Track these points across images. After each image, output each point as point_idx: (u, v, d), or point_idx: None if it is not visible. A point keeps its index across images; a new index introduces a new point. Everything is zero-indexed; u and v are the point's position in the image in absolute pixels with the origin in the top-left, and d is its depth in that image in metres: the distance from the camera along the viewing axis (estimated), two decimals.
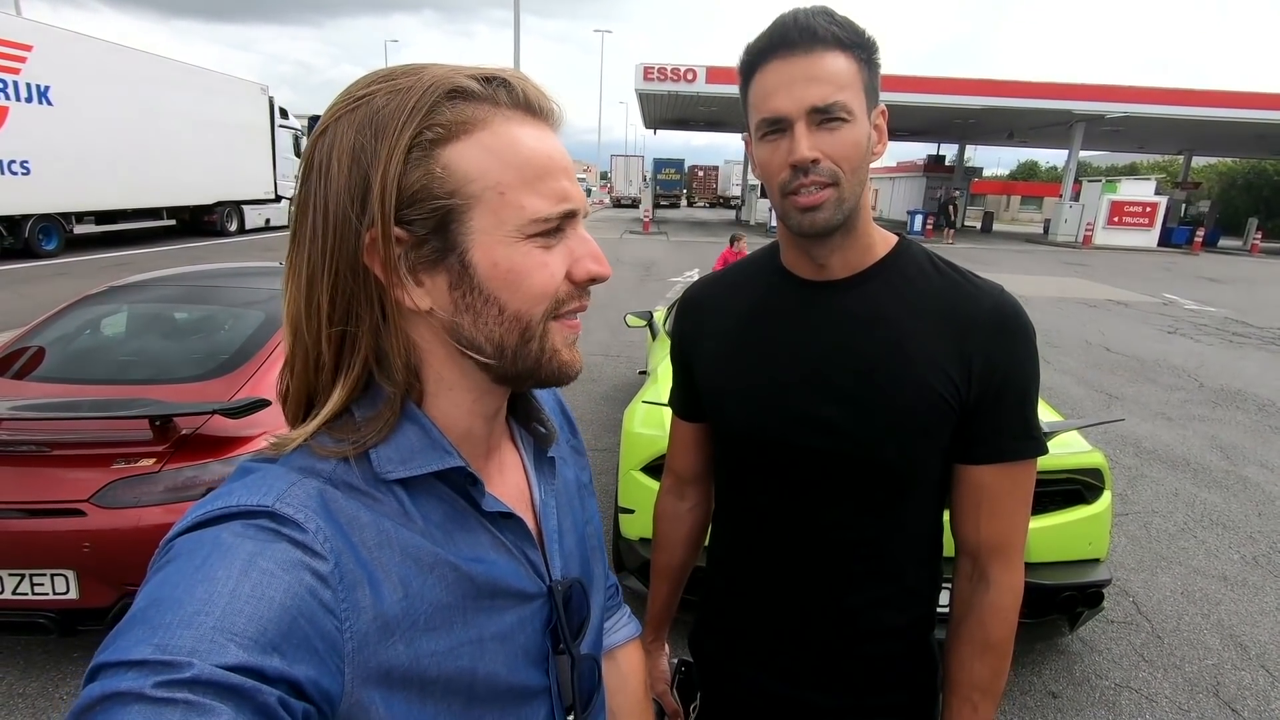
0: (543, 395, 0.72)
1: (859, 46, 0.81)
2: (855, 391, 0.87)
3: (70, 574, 2.13)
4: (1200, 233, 25.21)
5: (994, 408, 0.86)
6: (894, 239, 0.94)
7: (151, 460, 2.17)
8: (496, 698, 0.55)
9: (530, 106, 0.53)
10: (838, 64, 0.80)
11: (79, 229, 13.09)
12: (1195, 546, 3.61)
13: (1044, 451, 0.89)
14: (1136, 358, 7.82)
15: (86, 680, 0.38)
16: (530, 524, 0.63)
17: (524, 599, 0.59)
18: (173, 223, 15.26)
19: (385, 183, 0.49)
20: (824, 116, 0.79)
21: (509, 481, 0.64)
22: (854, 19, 0.82)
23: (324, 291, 0.51)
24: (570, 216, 0.54)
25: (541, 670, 0.60)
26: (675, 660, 1.19)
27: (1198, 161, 38.60)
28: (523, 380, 0.58)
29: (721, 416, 1.00)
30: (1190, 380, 6.93)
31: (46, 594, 2.14)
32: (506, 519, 0.58)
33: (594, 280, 0.56)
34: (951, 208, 27.33)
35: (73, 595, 2.14)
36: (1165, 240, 25.73)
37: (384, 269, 0.50)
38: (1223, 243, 28.14)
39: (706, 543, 1.17)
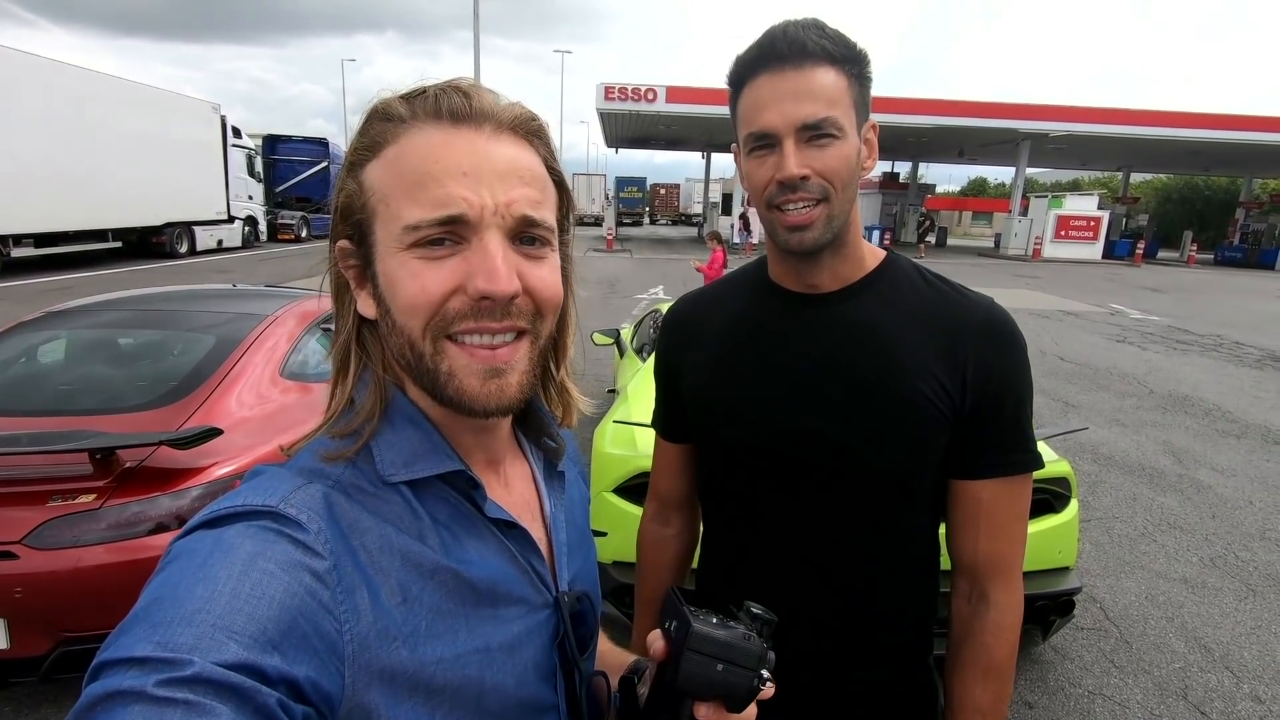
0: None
1: (850, 61, 0.80)
2: (848, 403, 0.85)
3: (0, 622, 1.98)
4: (1141, 245, 26.35)
5: (991, 419, 0.85)
6: (882, 253, 0.92)
7: (92, 496, 2.03)
8: (506, 712, 0.55)
9: (441, 113, 0.51)
10: (828, 79, 0.78)
11: (17, 252, 12.50)
12: (1156, 550, 3.70)
13: (1040, 465, 0.88)
14: (1089, 366, 8.07)
15: (88, 680, 0.38)
16: (540, 535, 0.63)
17: (529, 608, 0.58)
18: (119, 245, 14.72)
19: (336, 200, 0.55)
20: (813, 133, 0.78)
21: (516, 492, 0.64)
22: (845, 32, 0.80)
23: (332, 296, 0.59)
24: (455, 223, 0.50)
25: (550, 686, 0.59)
26: None
27: (1136, 178, 40.46)
28: (439, 400, 0.55)
29: (710, 434, 0.96)
30: (1140, 386, 7.17)
31: None
32: (511, 528, 0.58)
33: (484, 297, 0.51)
34: (928, 224, 28.72)
35: (2, 645, 1.98)
36: (1109, 253, 26.82)
37: (351, 278, 0.56)
38: (1161, 254, 29.47)
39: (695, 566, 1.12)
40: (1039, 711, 2.46)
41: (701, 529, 1.09)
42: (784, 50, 0.78)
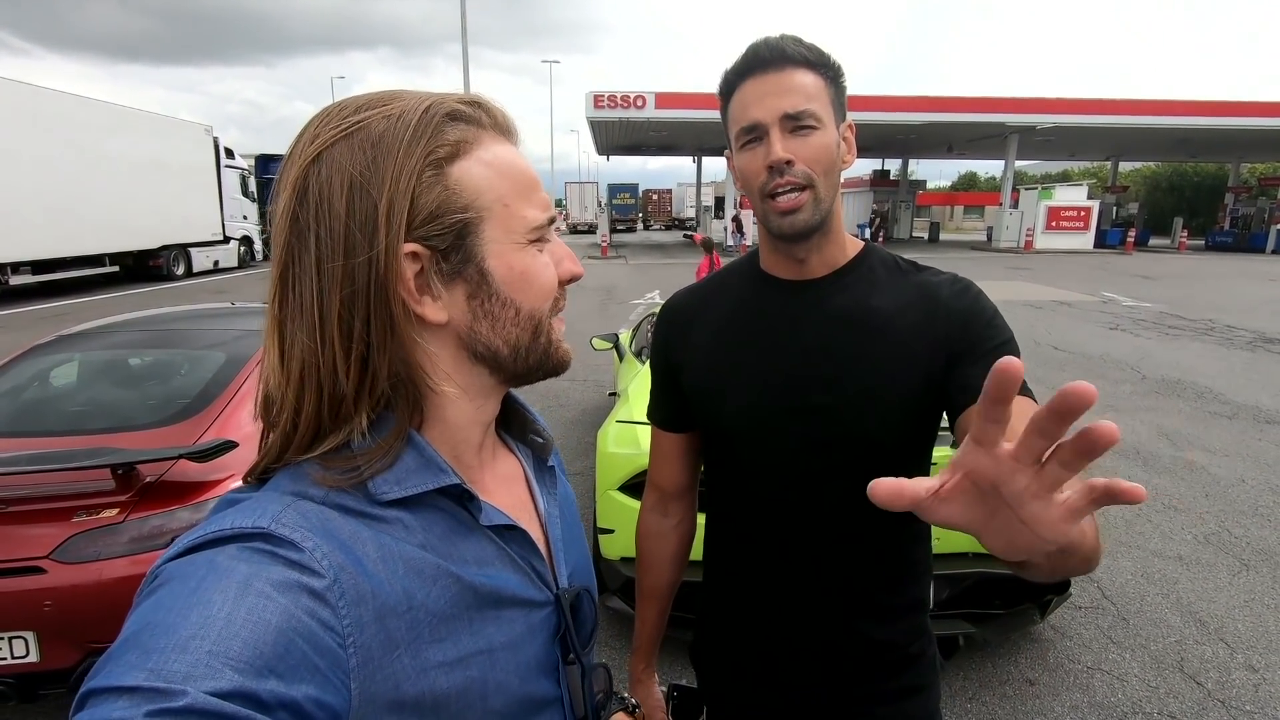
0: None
1: (825, 67, 0.90)
2: (843, 379, 0.92)
3: (30, 635, 2.04)
4: (1132, 233, 26.51)
5: (970, 354, 0.88)
6: (860, 242, 1.01)
7: (115, 510, 2.10)
8: (509, 708, 0.56)
9: (503, 128, 0.58)
10: (806, 79, 0.88)
11: (14, 280, 12.56)
12: (1151, 530, 3.77)
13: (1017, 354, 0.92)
14: (1083, 354, 8.15)
15: (75, 708, 0.37)
16: (536, 534, 0.64)
17: (531, 607, 0.59)
18: (115, 269, 14.78)
19: (394, 203, 0.50)
20: (796, 124, 0.87)
21: (512, 493, 0.65)
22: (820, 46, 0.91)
23: (335, 322, 0.50)
24: (552, 223, 0.60)
25: (553, 680, 0.61)
26: (665, 687, 1.18)
27: (1124, 167, 40.70)
28: (532, 374, 0.61)
29: (712, 418, 1.01)
30: (1133, 373, 7.25)
31: (5, 658, 2.04)
32: (509, 530, 0.59)
33: (573, 278, 0.62)
34: (880, 219, 28.77)
35: (33, 658, 2.04)
36: (1100, 242, 26.99)
37: (406, 288, 0.51)
38: (1152, 242, 29.64)
39: (700, 558, 1.15)
40: (1040, 688, 2.53)
41: (704, 517, 1.12)
42: (766, 56, 0.88)
